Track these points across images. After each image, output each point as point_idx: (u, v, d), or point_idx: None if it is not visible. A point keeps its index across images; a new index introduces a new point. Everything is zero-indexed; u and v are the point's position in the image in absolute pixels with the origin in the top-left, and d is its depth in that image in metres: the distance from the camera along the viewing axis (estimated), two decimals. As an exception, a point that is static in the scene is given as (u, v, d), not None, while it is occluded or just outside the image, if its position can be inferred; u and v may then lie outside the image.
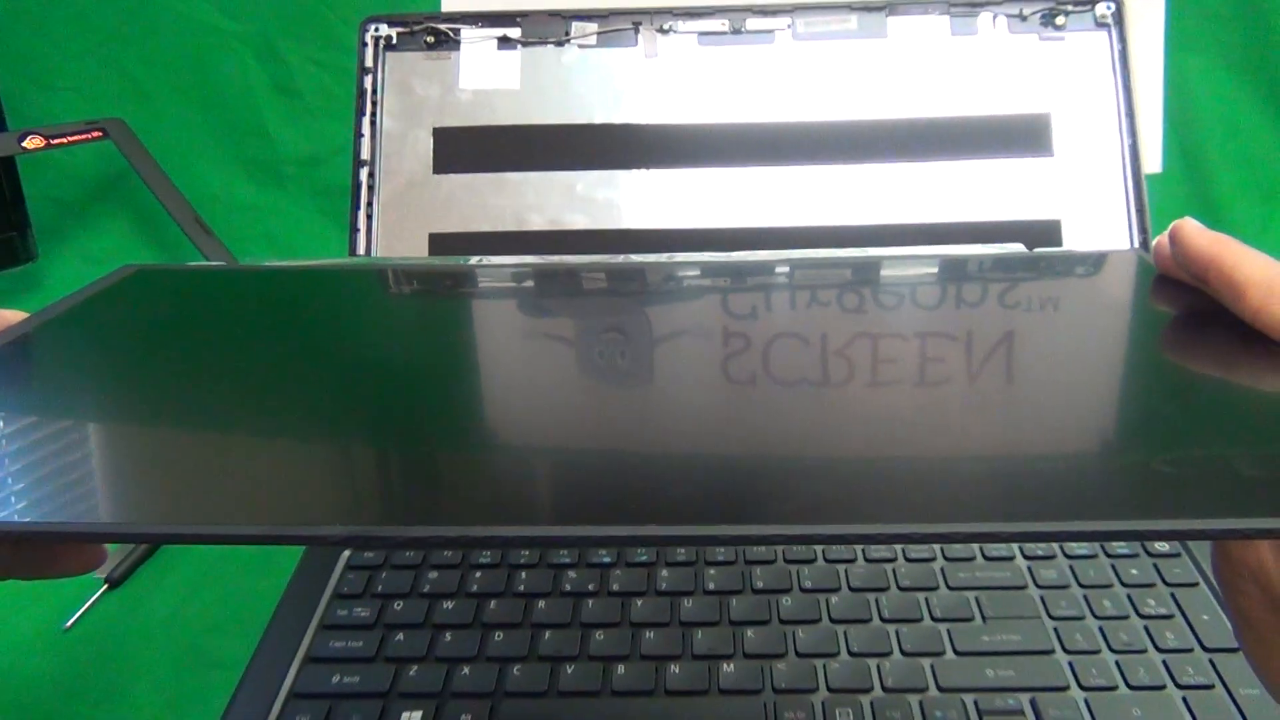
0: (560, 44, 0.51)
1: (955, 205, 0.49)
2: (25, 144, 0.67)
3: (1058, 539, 0.18)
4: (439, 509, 0.21)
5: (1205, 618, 0.37)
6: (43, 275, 0.75)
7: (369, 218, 0.51)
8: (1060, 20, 0.50)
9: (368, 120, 0.51)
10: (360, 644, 0.37)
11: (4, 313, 0.27)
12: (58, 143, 0.68)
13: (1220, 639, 0.36)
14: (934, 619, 0.37)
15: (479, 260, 0.40)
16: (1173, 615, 0.37)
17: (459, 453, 0.23)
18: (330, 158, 0.74)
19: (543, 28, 0.52)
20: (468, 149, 0.51)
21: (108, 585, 0.47)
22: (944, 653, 0.36)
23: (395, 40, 0.52)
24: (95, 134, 0.69)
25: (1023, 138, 0.50)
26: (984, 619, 0.37)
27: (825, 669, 0.35)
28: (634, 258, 0.38)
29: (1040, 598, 0.38)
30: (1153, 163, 0.69)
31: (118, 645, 0.43)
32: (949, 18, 0.50)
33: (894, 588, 0.39)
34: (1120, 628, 0.36)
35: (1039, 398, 0.25)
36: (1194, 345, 0.26)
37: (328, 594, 0.40)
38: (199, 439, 0.23)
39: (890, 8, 0.50)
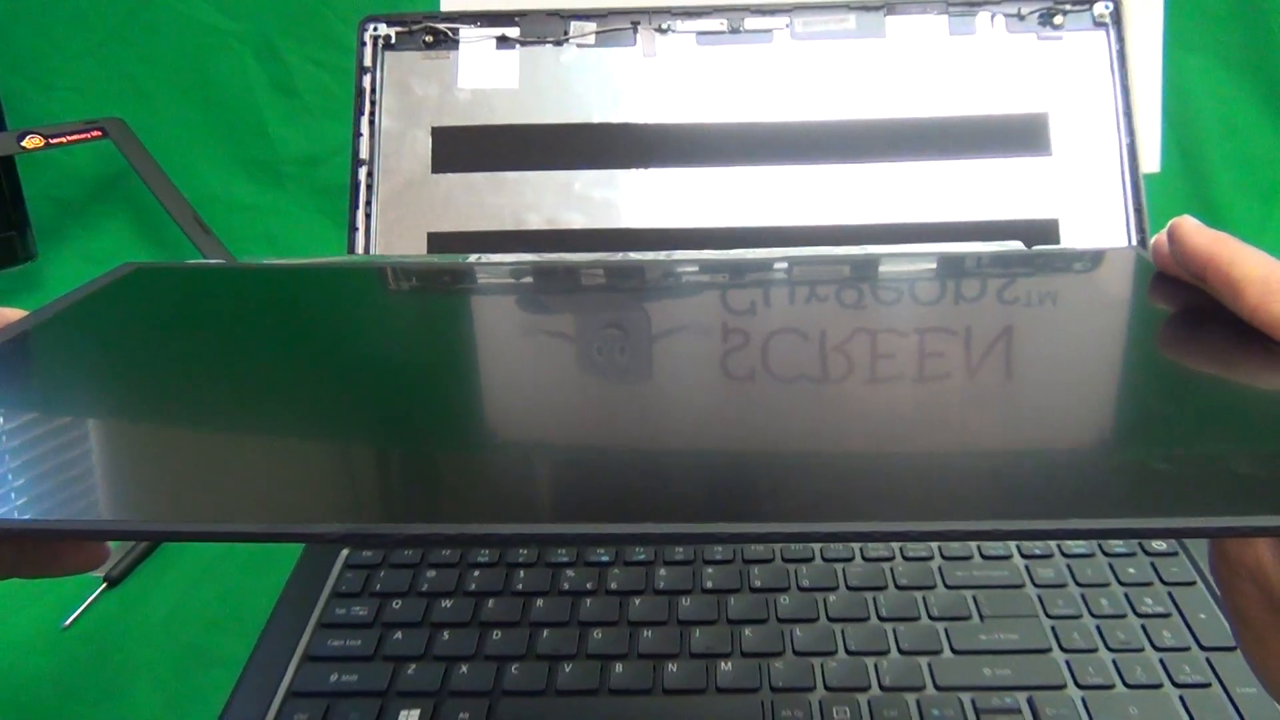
0: (559, 43, 0.51)
1: (953, 204, 0.49)
2: (25, 143, 0.67)
3: (1055, 537, 0.18)
4: (437, 506, 0.21)
5: (1202, 616, 0.37)
6: (42, 275, 0.75)
7: (368, 217, 0.51)
8: (1058, 20, 0.50)
9: (366, 120, 0.51)
10: (359, 642, 0.37)
11: (3, 311, 0.28)
12: (57, 142, 0.68)
13: (1217, 637, 0.36)
14: (931, 618, 0.37)
15: (478, 258, 0.40)
16: (1170, 614, 0.37)
17: (457, 450, 0.23)
18: (329, 157, 0.74)
19: (541, 27, 0.52)
20: (466, 148, 0.51)
21: (106, 584, 0.47)
22: (941, 651, 0.36)
23: (394, 40, 0.52)
24: (95, 133, 0.69)
25: (1021, 137, 0.50)
26: (981, 618, 0.37)
27: (823, 668, 0.35)
28: (633, 256, 0.38)
29: (1038, 596, 0.38)
30: (1151, 162, 0.69)
31: (116, 644, 0.43)
32: (947, 17, 0.50)
33: (892, 586, 0.39)
34: (1117, 626, 0.36)
35: (1036, 395, 0.25)
36: (1192, 343, 0.26)
37: (326, 593, 0.40)
38: (198, 437, 0.23)
39: (888, 7, 0.51)
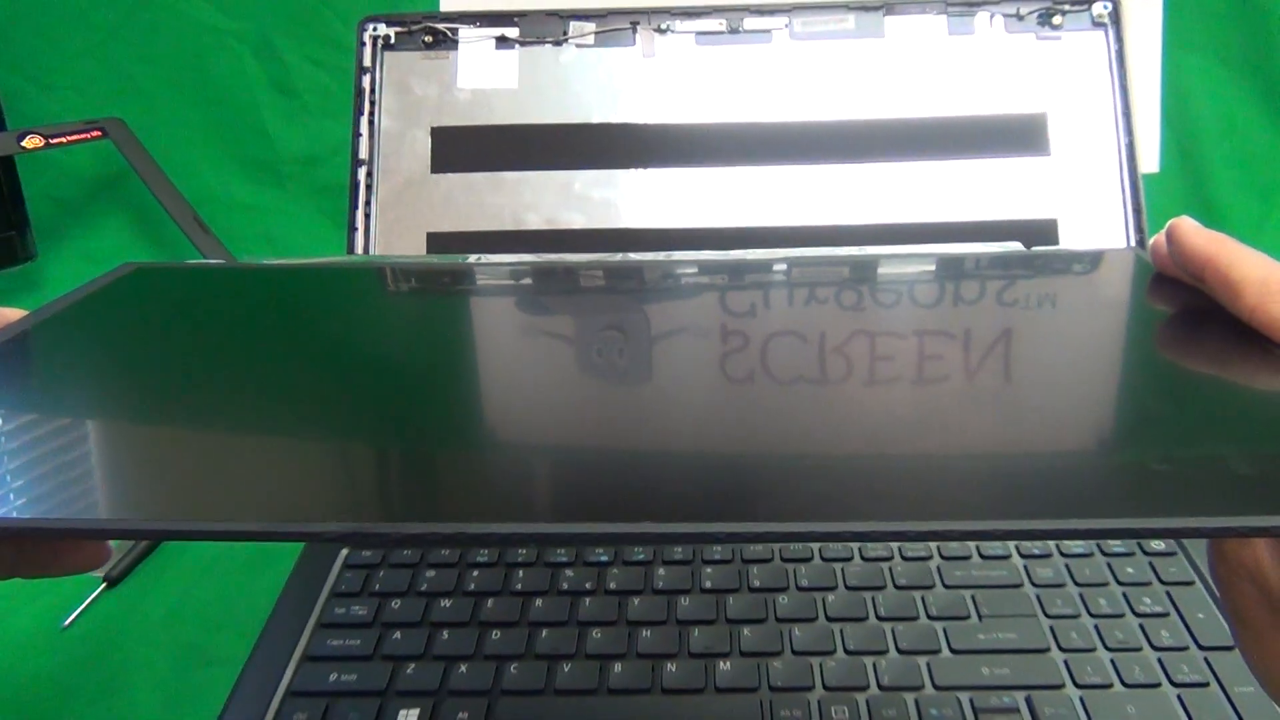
0: (558, 43, 0.51)
1: (952, 205, 0.49)
2: (24, 143, 0.67)
3: (1054, 537, 0.18)
4: (436, 506, 0.21)
5: (1201, 616, 0.37)
6: (42, 274, 0.75)
7: (367, 217, 0.51)
8: (1057, 20, 0.50)
9: (366, 119, 0.51)
10: (358, 642, 0.37)
11: (3, 311, 0.28)
12: (57, 142, 0.68)
13: (1216, 637, 0.36)
14: (930, 617, 0.37)
15: (477, 259, 0.40)
16: (1168, 613, 0.37)
17: (456, 450, 0.23)
18: (329, 157, 0.75)
19: (541, 27, 0.52)
20: (466, 148, 0.51)
21: (106, 583, 0.47)
22: (940, 651, 0.36)
23: (393, 40, 0.52)
24: (94, 133, 0.69)
25: (1020, 137, 0.50)
26: (980, 617, 0.37)
27: (821, 667, 0.35)
28: (632, 256, 0.38)
29: (1036, 596, 0.38)
30: (1150, 162, 0.69)
31: (116, 643, 0.43)
32: (946, 17, 0.51)
33: (890, 586, 0.39)
34: (1116, 626, 0.36)
35: (1035, 396, 0.25)
36: (1190, 344, 0.26)
37: (325, 592, 0.40)
38: (198, 436, 0.23)
39: (887, 7, 0.51)
